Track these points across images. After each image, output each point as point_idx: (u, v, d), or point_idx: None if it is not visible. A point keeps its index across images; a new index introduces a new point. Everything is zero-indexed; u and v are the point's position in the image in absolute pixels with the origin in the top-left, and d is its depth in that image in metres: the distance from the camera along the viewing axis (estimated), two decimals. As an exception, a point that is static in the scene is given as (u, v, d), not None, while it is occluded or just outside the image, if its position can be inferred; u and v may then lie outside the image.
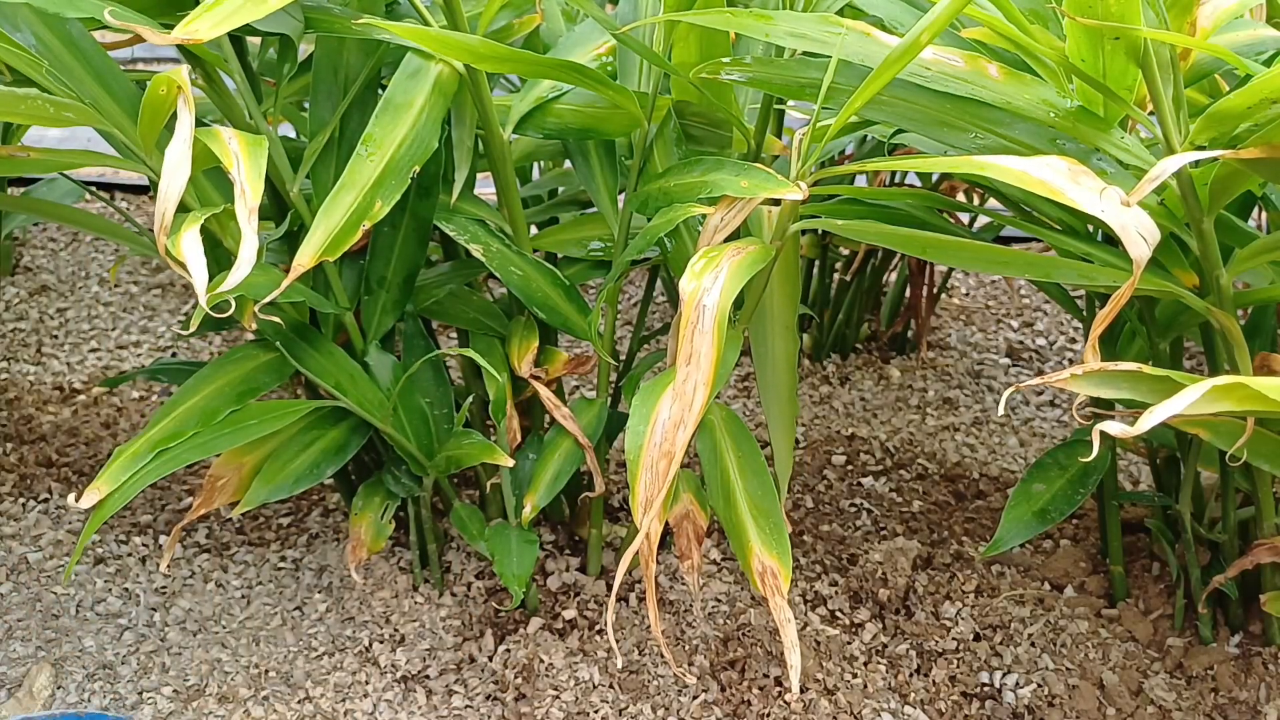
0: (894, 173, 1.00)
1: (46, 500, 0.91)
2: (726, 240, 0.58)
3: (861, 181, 1.00)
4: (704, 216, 0.60)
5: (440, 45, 0.60)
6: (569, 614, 0.77)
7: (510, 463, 0.70)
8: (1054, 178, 0.45)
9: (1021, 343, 1.15)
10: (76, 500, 0.62)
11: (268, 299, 0.60)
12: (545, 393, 0.72)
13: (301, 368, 0.68)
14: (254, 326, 0.67)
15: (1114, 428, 0.45)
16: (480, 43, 0.60)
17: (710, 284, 0.49)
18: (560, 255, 0.79)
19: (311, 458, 0.71)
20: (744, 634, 0.75)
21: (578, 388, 1.06)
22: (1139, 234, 0.43)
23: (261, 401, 0.68)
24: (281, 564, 0.84)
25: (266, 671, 0.75)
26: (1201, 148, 0.54)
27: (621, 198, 0.73)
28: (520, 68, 0.64)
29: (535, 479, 0.73)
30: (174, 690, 0.74)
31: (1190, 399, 0.45)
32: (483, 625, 0.77)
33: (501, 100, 0.70)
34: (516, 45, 0.75)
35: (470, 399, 0.74)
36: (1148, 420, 0.43)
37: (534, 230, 0.80)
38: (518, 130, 0.70)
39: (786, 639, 0.56)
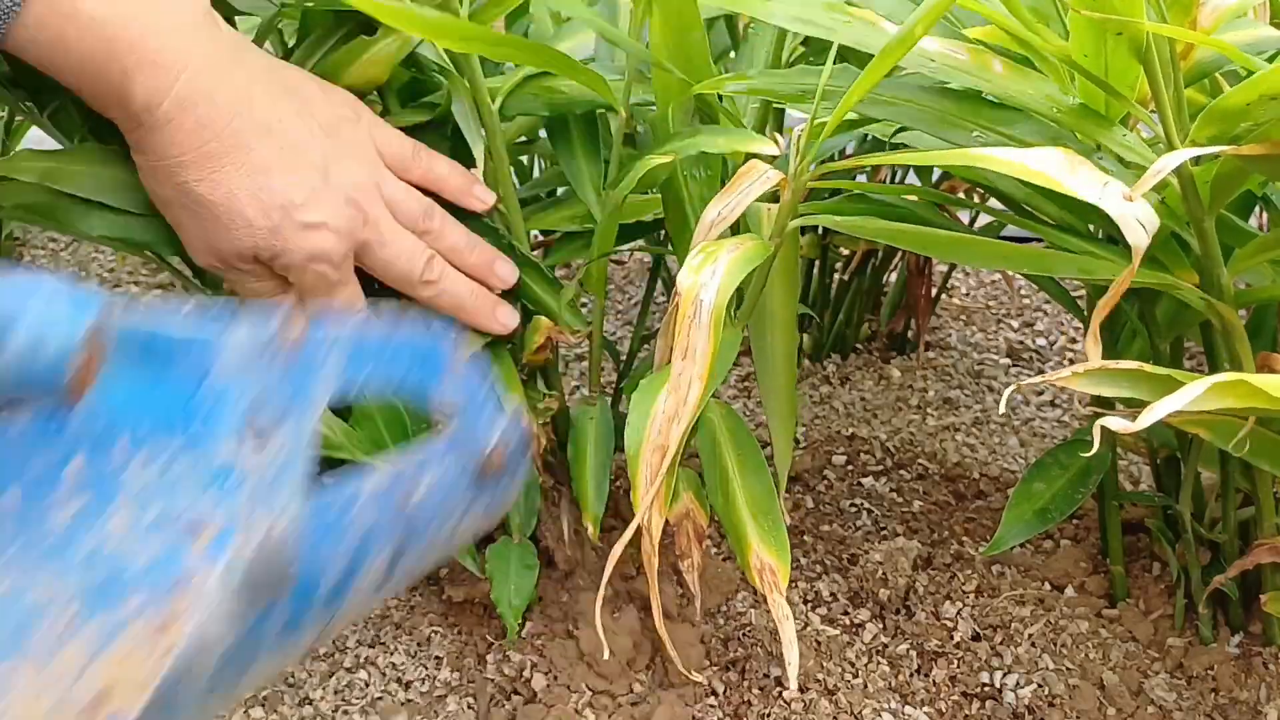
0: (894, 175, 1.00)
1: (45, 500, 0.91)
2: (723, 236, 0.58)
3: (862, 180, 1.00)
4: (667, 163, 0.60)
5: (411, 23, 0.60)
6: (569, 615, 0.77)
7: None
8: (1051, 168, 0.45)
9: (1022, 343, 1.15)
10: None
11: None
12: None
13: None
14: None
15: (1115, 423, 0.45)
16: (452, 22, 0.60)
17: (708, 279, 0.49)
18: (554, 238, 0.79)
19: None
20: (744, 634, 0.75)
21: (578, 387, 1.06)
22: (1138, 221, 0.44)
23: None
24: (281, 563, 0.84)
25: (265, 671, 0.75)
26: (1202, 145, 0.54)
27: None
28: (488, 48, 0.64)
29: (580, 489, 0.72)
30: (173, 689, 0.74)
31: (1191, 395, 0.45)
32: (482, 628, 0.77)
33: (491, 83, 0.71)
34: (513, 29, 0.75)
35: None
36: (1148, 416, 0.43)
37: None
38: (512, 108, 0.71)
39: (785, 636, 0.56)
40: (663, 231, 0.81)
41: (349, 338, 0.38)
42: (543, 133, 0.79)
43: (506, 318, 0.72)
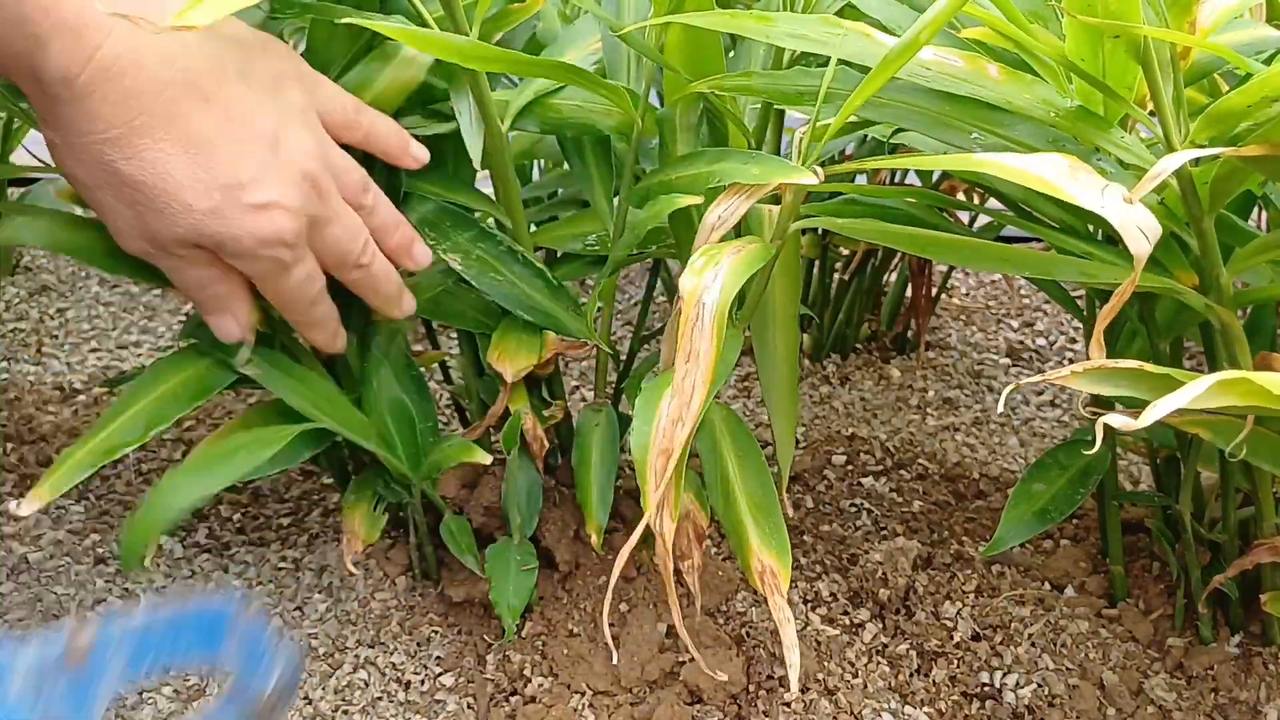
0: (894, 174, 1.00)
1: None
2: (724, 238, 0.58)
3: (862, 181, 1.00)
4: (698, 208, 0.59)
5: (426, 45, 0.59)
6: (569, 615, 0.77)
7: (488, 459, 0.69)
8: (1053, 174, 0.45)
9: (1022, 343, 1.15)
10: (17, 508, 0.60)
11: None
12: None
13: (275, 390, 0.67)
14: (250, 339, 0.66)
15: (1118, 420, 0.45)
16: (469, 44, 0.59)
17: (710, 281, 0.49)
18: (560, 253, 0.79)
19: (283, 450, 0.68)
20: (745, 634, 0.75)
21: (578, 388, 1.06)
22: (1140, 230, 0.43)
23: (247, 430, 0.66)
24: (282, 564, 0.84)
25: (266, 671, 0.75)
26: (1202, 146, 0.54)
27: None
28: (509, 67, 0.63)
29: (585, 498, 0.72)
30: (174, 690, 0.74)
31: (1193, 393, 0.45)
32: (482, 628, 0.77)
33: (500, 95, 0.70)
34: (517, 33, 0.74)
35: (458, 397, 0.73)
36: (1152, 413, 0.43)
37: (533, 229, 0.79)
38: (516, 124, 0.70)
39: (786, 638, 0.56)
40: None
41: (135, 631, 0.41)
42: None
43: (408, 306, 0.69)
